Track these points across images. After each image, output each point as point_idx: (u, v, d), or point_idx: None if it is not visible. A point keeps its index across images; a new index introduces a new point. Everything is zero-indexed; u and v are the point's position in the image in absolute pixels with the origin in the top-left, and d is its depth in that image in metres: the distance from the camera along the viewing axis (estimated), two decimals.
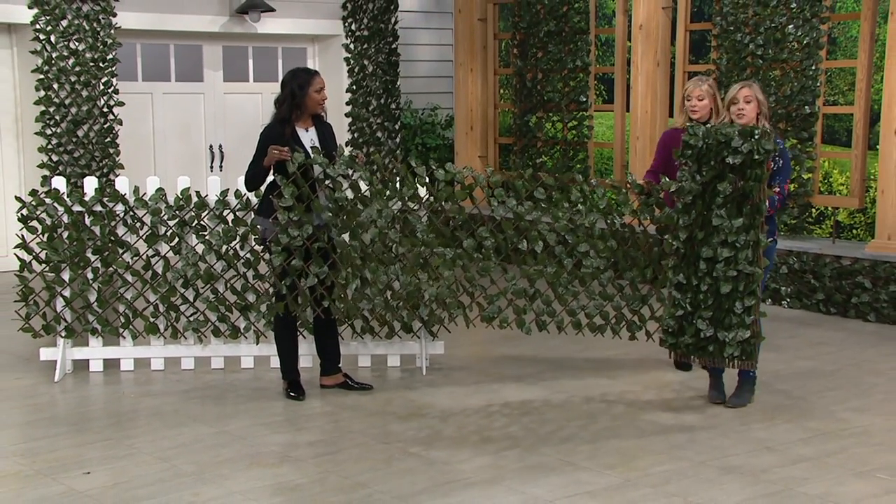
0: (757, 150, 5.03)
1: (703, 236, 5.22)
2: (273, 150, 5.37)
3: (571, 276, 5.84)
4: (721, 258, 5.17)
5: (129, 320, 6.12)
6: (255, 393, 5.77)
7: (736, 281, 5.15)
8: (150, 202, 6.04)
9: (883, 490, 4.29)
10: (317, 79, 5.52)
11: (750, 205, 5.11)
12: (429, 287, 5.87)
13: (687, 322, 5.33)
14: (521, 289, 5.89)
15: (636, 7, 8.81)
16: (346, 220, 5.63)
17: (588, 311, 5.90)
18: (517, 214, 5.81)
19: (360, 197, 5.68)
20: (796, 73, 7.87)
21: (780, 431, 5.03)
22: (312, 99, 5.49)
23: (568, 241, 5.83)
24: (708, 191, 5.21)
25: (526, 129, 9.80)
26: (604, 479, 4.42)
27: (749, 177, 5.08)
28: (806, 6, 7.79)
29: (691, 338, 5.32)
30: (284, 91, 5.50)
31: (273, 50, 10.42)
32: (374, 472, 4.51)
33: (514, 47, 9.89)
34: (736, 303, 5.16)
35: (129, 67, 9.45)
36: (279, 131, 5.48)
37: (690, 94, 5.86)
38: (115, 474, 4.51)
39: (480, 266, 5.84)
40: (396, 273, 5.82)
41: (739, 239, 5.13)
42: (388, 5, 10.42)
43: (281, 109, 5.50)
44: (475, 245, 5.83)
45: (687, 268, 5.31)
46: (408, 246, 5.84)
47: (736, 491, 4.28)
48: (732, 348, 5.20)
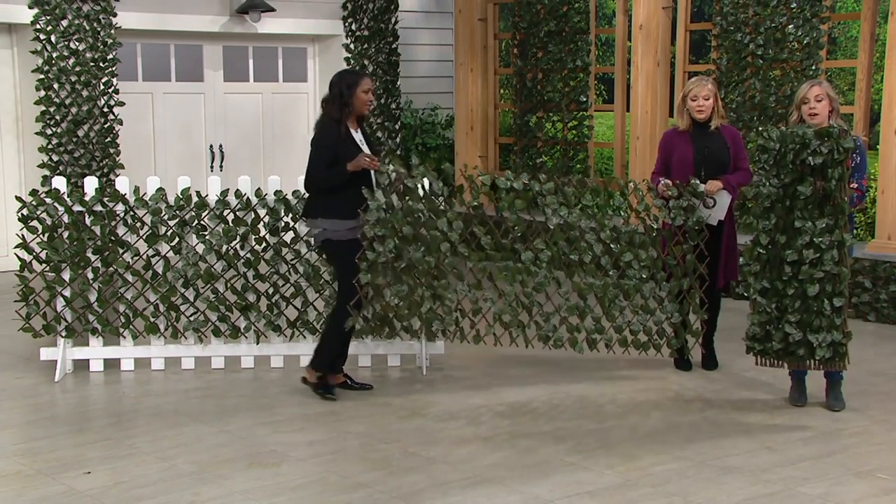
0: (837, 150, 4.99)
1: (786, 240, 5.16)
2: (364, 157, 5.41)
3: (617, 288, 5.83)
4: (806, 260, 5.11)
5: (130, 320, 6.13)
6: (255, 393, 5.77)
7: (823, 282, 5.10)
8: (151, 202, 6.04)
9: (883, 490, 4.29)
10: (365, 80, 5.55)
11: (832, 204, 5.07)
12: (488, 304, 5.83)
13: (773, 327, 5.27)
14: (574, 305, 5.86)
15: (636, 7, 8.81)
16: (421, 234, 5.60)
17: (633, 327, 5.90)
18: (568, 223, 5.78)
19: (433, 209, 5.64)
20: (797, 73, 7.86)
21: (780, 431, 5.03)
22: (360, 99, 5.52)
23: (613, 251, 5.82)
24: (788, 193, 5.15)
25: (526, 129, 9.80)
26: (604, 478, 4.42)
27: (830, 177, 5.02)
28: (806, 6, 7.79)
29: (780, 343, 5.26)
30: (333, 91, 5.52)
31: (273, 50, 10.42)
32: (375, 472, 4.52)
33: (514, 47, 9.89)
34: (824, 304, 5.11)
35: (129, 67, 9.45)
36: (336, 131, 5.49)
37: (697, 94, 5.81)
38: (115, 474, 4.52)
39: (537, 282, 5.79)
40: (465, 290, 5.79)
41: (824, 240, 5.07)
42: (388, 5, 10.42)
43: (332, 109, 5.51)
44: (533, 258, 5.79)
45: (770, 272, 5.25)
46: (475, 260, 5.79)
47: (736, 490, 4.28)
48: (823, 350, 5.14)
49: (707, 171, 5.82)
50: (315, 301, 6.26)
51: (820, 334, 5.13)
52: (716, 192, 5.75)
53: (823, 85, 5.40)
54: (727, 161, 5.83)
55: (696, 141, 5.85)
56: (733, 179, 5.80)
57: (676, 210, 5.78)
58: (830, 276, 5.10)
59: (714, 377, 6.00)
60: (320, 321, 6.22)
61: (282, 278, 6.20)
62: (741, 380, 5.90)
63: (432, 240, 5.61)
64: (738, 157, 5.87)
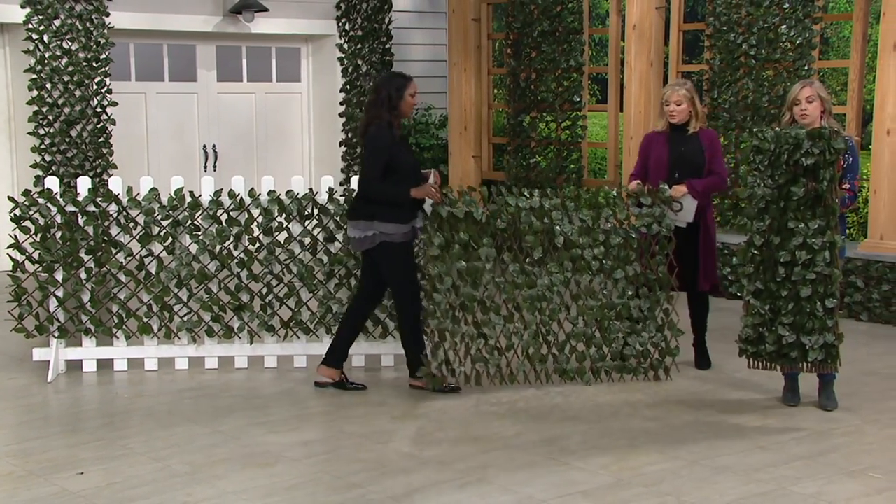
0: (828, 151, 4.99)
1: (780, 241, 5.16)
2: (431, 188, 5.50)
3: (611, 309, 5.81)
4: (799, 261, 5.10)
5: (123, 320, 6.12)
6: (249, 393, 5.77)
7: (815, 284, 5.10)
8: (144, 202, 6.04)
9: (875, 489, 4.31)
10: (412, 84, 5.60)
11: (823, 206, 5.07)
12: (518, 338, 5.79)
13: (767, 329, 5.26)
14: (581, 332, 5.83)
15: (630, 7, 8.83)
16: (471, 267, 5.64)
17: (626, 350, 5.89)
18: (570, 241, 5.75)
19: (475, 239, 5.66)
20: (789, 73, 7.88)
21: (773, 430, 5.05)
22: (407, 103, 5.57)
23: (605, 267, 5.79)
24: (782, 195, 5.14)
25: (520, 129, 9.81)
26: (597, 478, 4.43)
27: (821, 178, 5.03)
28: (798, 6, 7.81)
29: (773, 345, 5.25)
30: (381, 94, 5.54)
31: (267, 50, 10.42)
32: (369, 472, 4.52)
33: (507, 47, 9.90)
34: (816, 306, 5.11)
35: (122, 67, 9.44)
36: (389, 135, 5.51)
37: (668, 100, 5.86)
38: (108, 475, 4.51)
39: (550, 309, 5.76)
40: (500, 324, 5.76)
41: (817, 241, 5.07)
42: (381, 5, 10.42)
43: (382, 113, 5.52)
44: (549, 283, 5.76)
45: (764, 274, 5.24)
46: (510, 290, 5.73)
47: (728, 490, 4.29)
48: (816, 353, 5.14)
49: (681, 173, 5.85)
50: (309, 301, 6.26)
51: (812, 336, 5.14)
52: (680, 197, 5.77)
53: (815, 86, 5.40)
54: (701, 164, 5.85)
55: (673, 143, 5.88)
56: (699, 184, 5.79)
57: (649, 217, 5.77)
58: (822, 277, 5.11)
59: (707, 377, 6.02)
60: (314, 321, 6.23)
61: (275, 278, 6.20)
62: (734, 380, 5.92)
63: (476, 272, 5.64)
64: (713, 160, 5.88)
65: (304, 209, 6.14)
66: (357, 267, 6.20)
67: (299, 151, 10.70)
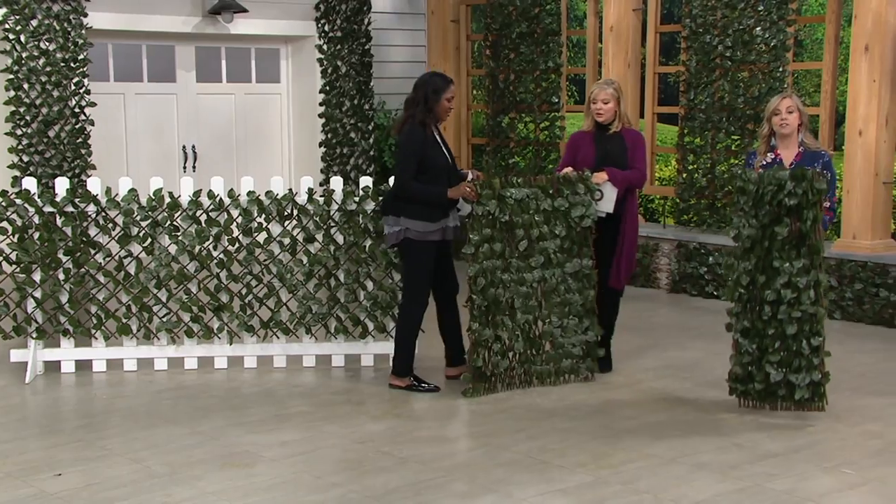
0: (811, 191, 5.02)
1: (765, 279, 5.16)
2: (467, 187, 5.50)
3: (566, 305, 5.82)
4: (784, 300, 5.12)
5: (102, 321, 6.11)
6: (228, 393, 5.77)
7: (801, 322, 5.13)
8: (123, 203, 6.03)
9: (847, 485, 4.37)
10: (451, 87, 5.63)
11: (807, 245, 5.10)
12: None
13: (755, 368, 5.27)
14: (550, 330, 5.82)
15: (607, 9, 8.89)
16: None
17: (568, 348, 5.90)
18: (542, 234, 5.75)
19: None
20: (764, 74, 7.97)
21: (749, 428, 5.10)
22: (443, 107, 5.60)
23: (560, 261, 5.80)
24: (766, 234, 5.16)
25: (498, 130, 9.85)
26: (576, 476, 4.46)
27: (805, 218, 5.06)
28: (773, 9, 7.90)
29: (761, 383, 5.26)
30: (418, 94, 5.59)
31: (246, 51, 10.40)
32: (348, 472, 4.53)
33: (486, 48, 9.94)
34: (802, 344, 5.14)
35: (100, 68, 9.41)
36: (422, 134, 5.55)
37: (596, 98, 5.88)
38: (86, 476, 4.50)
39: (530, 305, 5.74)
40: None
41: (801, 280, 5.09)
42: (360, 6, 10.43)
43: (417, 112, 5.58)
44: (541, 276, 5.76)
45: (750, 312, 5.25)
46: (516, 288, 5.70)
47: (705, 488, 4.34)
48: (802, 391, 5.18)
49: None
50: (288, 301, 6.27)
51: (799, 374, 5.17)
52: (601, 184, 5.77)
53: (794, 98, 5.49)
54: (624, 163, 5.88)
55: (598, 142, 5.91)
56: (619, 174, 5.80)
57: (581, 206, 5.72)
58: (808, 315, 5.13)
59: (683, 376, 6.06)
60: (293, 321, 6.24)
61: (255, 279, 6.20)
62: (709, 379, 5.97)
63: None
64: (634, 158, 5.91)
65: (284, 210, 6.15)
66: (336, 268, 6.23)
67: (279, 152, 10.69)
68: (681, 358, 6.42)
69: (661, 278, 8.70)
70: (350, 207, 6.17)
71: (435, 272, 5.72)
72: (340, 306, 6.25)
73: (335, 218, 6.19)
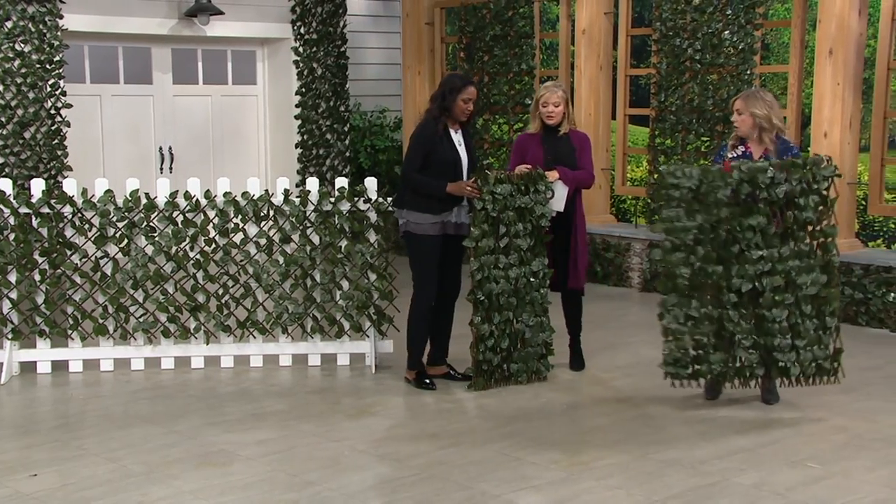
0: (812, 179, 5.11)
1: (724, 269, 5.18)
2: (466, 186, 5.56)
3: (532, 304, 5.85)
4: (768, 287, 5.16)
5: (78, 322, 6.12)
6: (205, 393, 5.80)
7: (802, 303, 5.18)
8: (99, 204, 6.05)
9: (813, 478, 4.46)
10: (469, 89, 5.66)
11: (814, 230, 5.16)
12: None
13: (706, 352, 5.26)
14: (523, 329, 5.89)
15: (579, 12, 8.98)
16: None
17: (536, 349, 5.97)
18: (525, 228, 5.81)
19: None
20: (732, 77, 8.08)
21: (718, 424, 5.18)
22: (459, 107, 5.65)
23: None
24: (731, 227, 5.16)
25: (473, 132, 9.89)
26: (549, 473, 4.52)
27: (806, 205, 5.13)
28: (740, 13, 8.02)
29: (719, 365, 5.25)
30: (439, 91, 5.71)
31: (222, 53, 10.42)
32: (324, 471, 4.57)
33: (460, 51, 10.01)
34: (806, 323, 5.19)
35: (76, 69, 9.40)
36: (433, 129, 5.64)
37: (547, 101, 5.91)
38: (62, 476, 4.51)
39: (509, 301, 5.80)
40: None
41: (794, 265, 5.15)
42: (336, 9, 10.47)
43: (432, 108, 5.69)
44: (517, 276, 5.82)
45: (700, 300, 5.24)
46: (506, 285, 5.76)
47: (676, 483, 4.41)
48: (796, 369, 5.23)
49: None
50: (265, 301, 6.31)
51: (785, 354, 5.22)
52: (553, 182, 5.79)
53: (748, 99, 5.42)
54: (573, 164, 5.93)
55: (547, 144, 5.94)
56: (570, 173, 5.86)
57: (538, 205, 5.76)
58: (814, 297, 5.18)
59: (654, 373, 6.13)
60: (270, 321, 6.28)
61: (231, 279, 6.24)
62: None
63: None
64: (582, 159, 5.97)
65: (260, 210, 6.19)
66: (312, 268, 6.27)
67: (255, 153, 10.71)
68: (652, 356, 6.47)
69: (633, 277, 8.80)
70: (326, 208, 6.22)
71: (440, 269, 5.77)
72: (316, 306, 6.30)
73: (311, 218, 6.24)
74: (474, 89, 5.70)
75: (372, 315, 6.25)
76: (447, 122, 5.67)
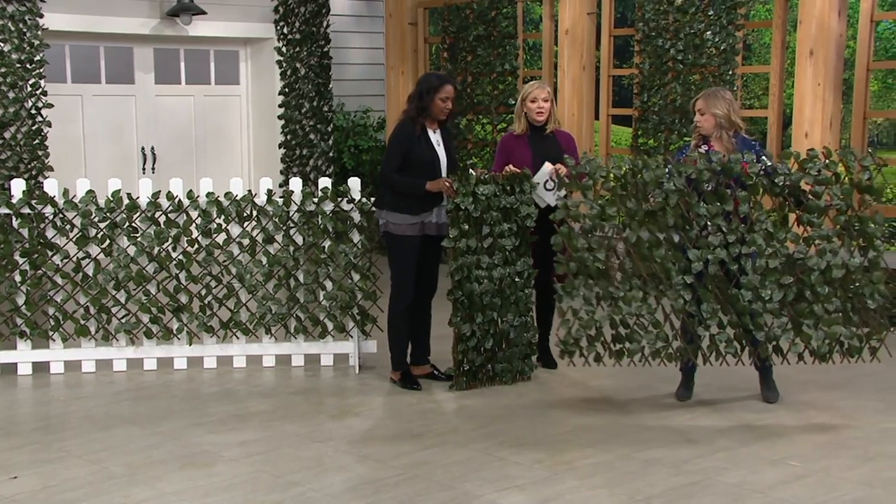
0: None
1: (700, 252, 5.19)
2: (445, 182, 5.56)
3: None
4: (751, 268, 5.18)
5: (59, 323, 6.09)
6: (188, 394, 5.78)
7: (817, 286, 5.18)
8: (80, 204, 6.02)
9: (794, 477, 4.49)
10: (446, 87, 5.66)
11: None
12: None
13: (631, 330, 5.25)
14: (506, 329, 5.89)
15: (562, 13, 9.01)
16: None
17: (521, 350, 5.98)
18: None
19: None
20: (714, 77, 8.13)
21: (700, 424, 5.21)
22: (437, 105, 5.65)
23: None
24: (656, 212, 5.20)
25: (456, 132, 9.91)
26: (532, 472, 4.53)
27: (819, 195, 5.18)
28: (722, 14, 8.07)
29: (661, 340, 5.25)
30: (415, 91, 5.71)
31: (205, 52, 10.38)
32: (307, 471, 4.57)
33: (444, 51, 10.02)
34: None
35: (57, 69, 9.35)
36: (410, 129, 5.64)
37: (537, 97, 5.89)
38: (43, 478, 4.49)
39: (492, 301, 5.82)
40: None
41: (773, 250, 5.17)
42: (319, 9, 10.45)
43: (409, 109, 5.70)
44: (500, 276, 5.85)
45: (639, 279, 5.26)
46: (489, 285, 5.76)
47: (658, 482, 4.43)
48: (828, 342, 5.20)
49: None
50: (248, 302, 6.30)
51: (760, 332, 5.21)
52: (561, 175, 5.65)
53: (708, 98, 5.40)
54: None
55: (534, 144, 5.94)
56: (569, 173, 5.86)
57: (524, 205, 5.77)
58: (837, 280, 5.17)
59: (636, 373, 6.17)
60: (253, 322, 6.27)
61: (214, 280, 6.22)
62: (663, 375, 6.08)
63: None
64: (572, 157, 5.97)
65: (243, 211, 6.18)
66: (295, 269, 6.26)
67: (238, 153, 10.69)
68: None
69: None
70: (309, 208, 6.22)
71: (418, 268, 5.78)
72: (300, 306, 6.29)
73: (294, 219, 6.23)
74: (452, 88, 5.70)
75: (355, 315, 6.25)
76: (425, 123, 5.68)
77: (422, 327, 5.97)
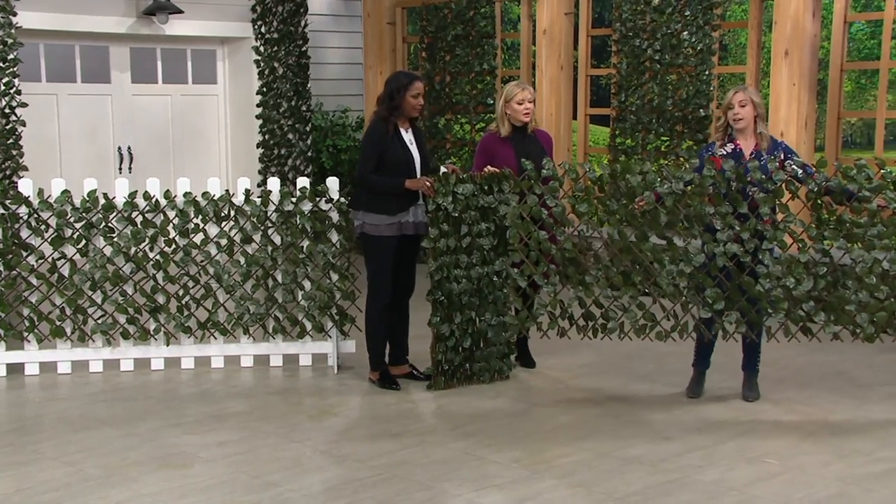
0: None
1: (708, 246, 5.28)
2: (426, 181, 5.55)
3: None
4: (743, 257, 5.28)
5: (34, 324, 6.04)
6: (165, 395, 5.75)
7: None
8: (56, 204, 5.98)
9: (770, 474, 4.53)
10: (415, 84, 5.65)
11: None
12: None
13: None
14: (486, 329, 5.91)
15: (540, 12, 9.04)
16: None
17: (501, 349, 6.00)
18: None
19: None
20: (691, 77, 8.18)
21: (678, 422, 5.24)
22: (409, 103, 5.64)
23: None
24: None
25: (435, 131, 9.93)
26: (510, 471, 4.54)
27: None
28: (699, 14, 8.12)
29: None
30: (385, 90, 5.68)
31: (182, 52, 10.33)
32: (285, 472, 4.56)
33: (422, 51, 10.02)
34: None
35: (32, 68, 9.27)
36: (382, 130, 5.62)
37: (523, 98, 5.91)
38: (18, 480, 4.45)
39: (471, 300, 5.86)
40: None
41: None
42: (297, 8, 10.42)
43: (381, 109, 5.67)
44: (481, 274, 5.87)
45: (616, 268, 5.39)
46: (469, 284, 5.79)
47: (636, 480, 4.45)
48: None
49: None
50: (226, 302, 6.27)
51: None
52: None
53: (748, 91, 5.51)
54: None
55: (517, 144, 5.93)
56: None
57: (503, 205, 5.75)
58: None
59: (615, 372, 6.20)
60: (231, 322, 6.24)
61: (192, 280, 6.19)
62: (641, 374, 6.12)
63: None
64: (551, 156, 5.96)
65: (221, 211, 6.16)
66: (273, 268, 6.24)
67: (216, 153, 10.64)
68: (614, 354, 6.56)
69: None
70: (287, 208, 6.20)
71: (395, 269, 5.77)
72: (278, 306, 6.27)
73: (272, 219, 6.21)
74: (421, 84, 5.71)
75: (334, 315, 6.24)
76: (397, 122, 5.68)
77: (399, 327, 5.96)
